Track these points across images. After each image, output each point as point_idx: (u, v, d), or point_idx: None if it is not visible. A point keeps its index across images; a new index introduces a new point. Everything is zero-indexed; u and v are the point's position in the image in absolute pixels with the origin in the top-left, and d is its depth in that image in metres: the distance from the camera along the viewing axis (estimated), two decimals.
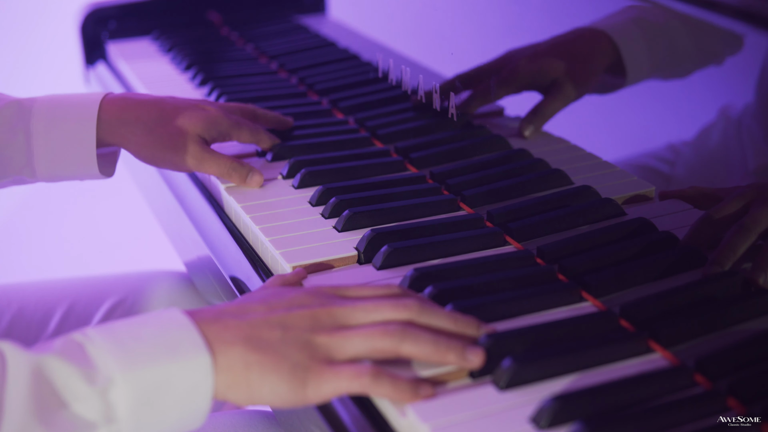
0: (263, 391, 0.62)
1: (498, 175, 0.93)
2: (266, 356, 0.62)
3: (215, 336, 0.62)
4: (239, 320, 0.64)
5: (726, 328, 0.67)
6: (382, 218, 0.85)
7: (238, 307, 0.66)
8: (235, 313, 0.65)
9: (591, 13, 0.96)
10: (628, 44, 0.91)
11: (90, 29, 1.56)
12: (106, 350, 0.60)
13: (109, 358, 0.59)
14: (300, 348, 0.63)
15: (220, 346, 0.62)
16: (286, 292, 0.67)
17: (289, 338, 0.63)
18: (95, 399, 0.58)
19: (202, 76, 1.31)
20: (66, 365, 0.59)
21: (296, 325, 0.64)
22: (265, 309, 0.65)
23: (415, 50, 1.20)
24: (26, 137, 0.91)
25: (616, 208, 0.84)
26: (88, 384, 0.58)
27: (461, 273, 0.75)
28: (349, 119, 1.13)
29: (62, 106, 0.93)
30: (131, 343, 0.61)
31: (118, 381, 0.59)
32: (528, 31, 1.05)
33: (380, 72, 1.20)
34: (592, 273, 0.74)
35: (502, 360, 0.63)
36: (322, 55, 1.37)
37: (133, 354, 0.60)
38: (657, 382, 0.61)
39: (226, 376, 0.62)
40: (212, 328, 0.63)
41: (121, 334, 0.61)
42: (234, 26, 1.59)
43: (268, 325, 0.64)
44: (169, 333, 0.62)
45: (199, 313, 0.64)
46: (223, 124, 0.94)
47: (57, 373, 0.58)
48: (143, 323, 0.63)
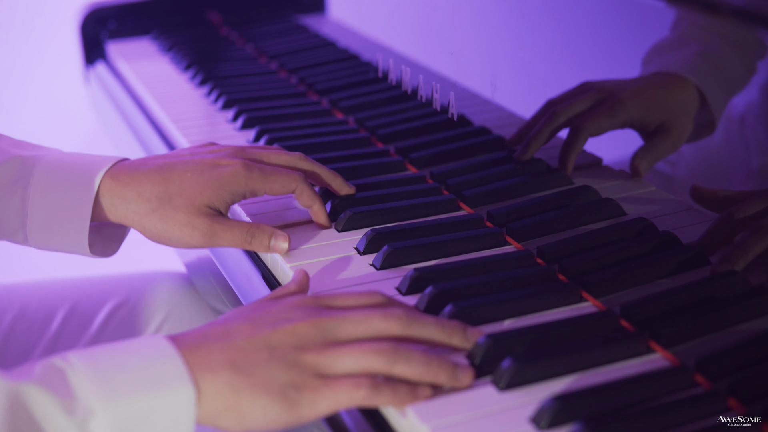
0: (255, 415, 0.60)
1: (498, 175, 0.93)
2: (254, 379, 0.61)
3: (199, 363, 0.61)
4: (223, 343, 0.62)
5: (726, 328, 0.67)
6: (382, 218, 0.85)
7: (222, 327, 0.64)
8: (219, 335, 0.63)
9: (592, 14, 0.96)
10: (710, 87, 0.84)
11: (90, 29, 1.56)
12: (87, 379, 0.59)
13: (89, 387, 0.58)
14: (288, 367, 0.61)
15: (205, 373, 0.61)
16: (271, 305, 0.66)
17: (276, 358, 0.61)
18: (74, 430, 0.57)
19: (202, 76, 1.31)
20: (45, 395, 0.58)
21: (283, 344, 0.62)
22: (249, 328, 0.63)
23: (415, 50, 1.20)
24: (23, 199, 0.83)
25: (616, 208, 0.84)
26: (68, 415, 0.57)
27: (461, 273, 0.75)
28: (349, 119, 1.13)
29: (65, 171, 0.83)
30: (113, 371, 0.59)
31: (98, 412, 0.58)
32: (529, 32, 1.05)
33: (380, 72, 1.20)
34: (592, 273, 0.74)
35: (502, 360, 0.63)
36: (322, 55, 1.37)
37: (114, 384, 0.59)
38: (657, 382, 0.61)
39: (214, 404, 0.61)
40: (196, 355, 0.61)
41: (103, 362, 0.60)
42: (234, 26, 1.58)
43: (253, 346, 0.62)
44: (152, 362, 0.60)
45: (182, 338, 0.63)
46: (240, 182, 0.80)
47: (36, 403, 0.57)
48: (126, 350, 0.61)
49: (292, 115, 1.15)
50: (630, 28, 0.91)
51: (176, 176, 0.81)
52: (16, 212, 0.83)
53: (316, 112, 1.16)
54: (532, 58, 1.04)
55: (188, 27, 1.59)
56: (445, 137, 1.02)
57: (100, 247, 0.87)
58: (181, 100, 1.25)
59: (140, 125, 1.25)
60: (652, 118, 0.87)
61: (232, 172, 0.80)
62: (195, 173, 0.81)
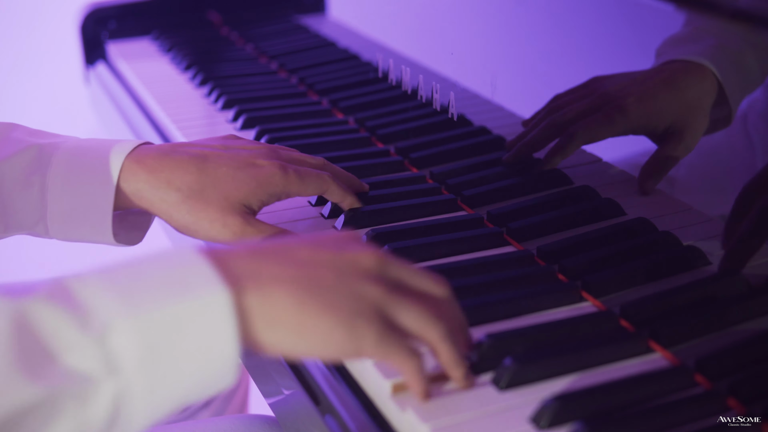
0: (317, 336, 0.55)
1: (498, 175, 0.93)
2: (322, 297, 0.55)
3: (253, 271, 0.55)
4: (284, 257, 0.57)
5: (726, 328, 0.67)
6: (382, 218, 0.85)
7: (281, 245, 0.58)
8: (278, 250, 0.58)
9: (592, 14, 0.96)
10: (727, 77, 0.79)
11: (90, 29, 1.56)
12: (100, 291, 0.52)
13: (104, 299, 0.52)
14: (356, 297, 0.56)
15: (264, 282, 0.55)
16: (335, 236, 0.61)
17: (344, 283, 0.56)
18: (91, 348, 0.50)
19: (202, 76, 1.31)
20: (53, 309, 0.51)
21: (349, 269, 0.57)
22: (312, 248, 0.58)
23: (415, 50, 1.20)
24: (41, 191, 0.79)
25: (616, 208, 0.84)
26: (81, 331, 0.50)
27: (461, 273, 0.75)
28: (349, 119, 1.13)
29: (84, 157, 0.79)
30: (132, 282, 0.53)
31: (119, 325, 0.51)
32: (529, 32, 1.05)
33: (380, 72, 1.20)
34: (592, 273, 0.74)
35: (502, 360, 0.63)
36: (322, 55, 1.37)
37: (134, 294, 0.52)
38: (657, 382, 0.61)
39: (269, 314, 0.54)
40: (251, 263, 0.56)
41: (119, 274, 0.53)
42: (234, 26, 1.58)
43: (318, 265, 0.57)
44: (176, 269, 0.54)
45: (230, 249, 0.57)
46: (278, 184, 0.78)
47: (43, 320, 0.50)
48: (144, 260, 0.55)
49: (293, 115, 1.15)
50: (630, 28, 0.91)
51: (211, 169, 0.78)
52: (36, 204, 0.79)
53: (317, 112, 1.16)
54: (532, 58, 1.04)
55: (188, 27, 1.59)
56: (445, 137, 1.02)
57: (125, 236, 0.84)
58: (181, 100, 1.25)
59: (140, 125, 1.25)
60: (660, 123, 0.83)
61: (270, 173, 0.78)
62: (231, 169, 0.78)
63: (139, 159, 0.78)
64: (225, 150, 0.80)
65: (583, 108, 0.87)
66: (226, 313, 0.53)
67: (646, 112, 0.84)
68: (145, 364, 0.51)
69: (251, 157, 0.80)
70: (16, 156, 0.79)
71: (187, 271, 0.54)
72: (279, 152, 0.82)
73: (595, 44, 0.97)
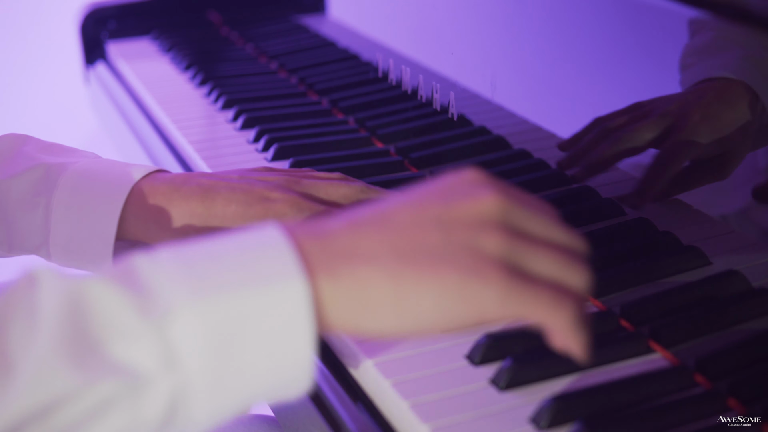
0: (419, 311, 0.48)
1: (498, 175, 0.92)
2: (423, 263, 0.48)
3: (348, 250, 0.49)
4: (383, 224, 0.50)
5: (726, 328, 0.67)
6: None
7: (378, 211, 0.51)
8: (373, 220, 0.50)
9: (592, 14, 0.96)
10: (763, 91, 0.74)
11: (90, 29, 1.56)
12: (168, 271, 0.47)
13: (172, 281, 0.46)
14: (469, 252, 0.48)
15: (359, 261, 0.48)
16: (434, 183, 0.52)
17: (452, 241, 0.48)
18: (149, 336, 0.45)
19: (202, 76, 1.31)
20: (112, 290, 0.46)
21: (460, 221, 0.49)
22: (412, 207, 0.50)
23: (415, 50, 1.20)
24: (46, 213, 0.74)
25: (616, 208, 0.84)
26: (139, 314, 0.45)
27: None
28: (349, 119, 1.13)
29: (91, 183, 0.74)
30: (204, 263, 0.47)
31: (182, 311, 0.45)
32: (529, 32, 1.05)
33: (380, 72, 1.20)
34: (592, 273, 0.74)
35: (501, 360, 0.63)
36: (322, 55, 1.37)
37: (204, 277, 0.47)
38: (657, 382, 0.61)
39: (363, 298, 0.48)
40: (346, 240, 0.49)
41: (190, 254, 0.48)
42: (234, 26, 1.58)
43: (422, 227, 0.49)
44: (255, 251, 0.48)
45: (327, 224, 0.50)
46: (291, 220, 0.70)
47: (99, 301, 0.46)
48: (223, 240, 0.49)
49: (292, 115, 1.15)
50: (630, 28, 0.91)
51: (219, 206, 0.71)
52: (39, 227, 0.75)
53: (316, 112, 1.16)
54: (532, 58, 1.04)
55: (188, 27, 1.59)
56: (445, 137, 1.02)
57: None
58: (181, 100, 1.25)
59: (140, 125, 1.25)
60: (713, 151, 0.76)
61: (280, 211, 0.71)
62: (240, 205, 0.71)
63: (147, 192, 0.73)
64: (239, 182, 0.74)
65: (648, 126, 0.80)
66: (302, 308, 0.47)
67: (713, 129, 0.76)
68: (209, 359, 0.46)
69: (265, 190, 0.72)
70: (25, 174, 0.76)
71: (265, 254, 0.48)
72: (301, 183, 0.74)
73: (595, 44, 0.97)
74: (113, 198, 0.73)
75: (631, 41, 0.91)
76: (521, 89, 1.05)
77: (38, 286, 0.46)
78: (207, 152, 1.05)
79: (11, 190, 0.76)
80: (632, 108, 0.81)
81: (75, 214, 0.74)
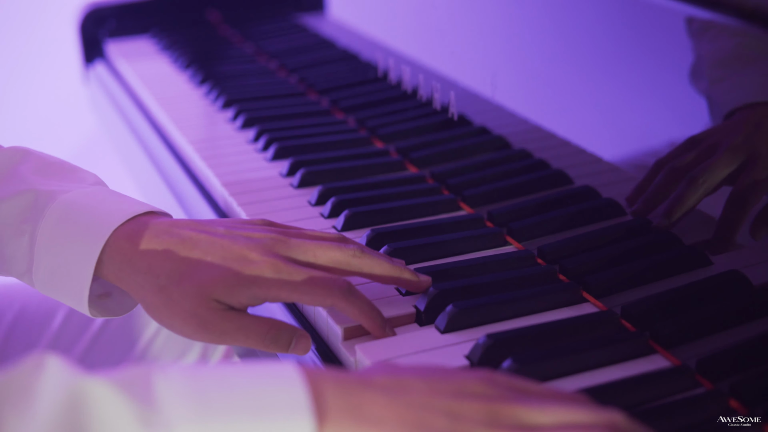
0: None
1: (498, 175, 0.93)
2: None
3: (355, 407, 0.49)
4: (392, 396, 0.51)
5: (727, 328, 0.67)
6: (382, 218, 0.85)
7: (394, 379, 0.52)
8: (387, 385, 0.51)
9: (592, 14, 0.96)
10: None
11: (89, 28, 1.56)
12: (176, 387, 0.47)
13: (178, 397, 0.46)
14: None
15: (364, 421, 0.49)
16: (454, 373, 0.54)
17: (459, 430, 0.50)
18: None
19: (201, 75, 1.31)
20: (116, 396, 0.46)
21: (469, 418, 0.50)
22: (427, 389, 0.52)
23: (415, 50, 1.20)
24: (30, 242, 0.73)
25: (617, 208, 0.84)
26: (140, 426, 0.45)
27: (461, 273, 0.75)
28: (349, 119, 1.13)
29: (76, 217, 0.72)
30: (212, 386, 0.48)
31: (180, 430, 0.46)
32: (529, 32, 1.05)
33: (380, 71, 1.20)
34: (592, 273, 0.74)
35: (501, 361, 0.63)
36: (322, 55, 1.37)
37: (213, 401, 0.47)
38: (658, 383, 0.61)
39: None
40: (354, 396, 0.50)
41: (203, 375, 0.48)
42: (233, 25, 1.58)
43: (432, 409, 0.50)
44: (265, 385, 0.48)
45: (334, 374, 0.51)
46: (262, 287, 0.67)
47: (101, 405, 0.46)
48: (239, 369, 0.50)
49: (292, 114, 1.15)
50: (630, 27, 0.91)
51: (195, 256, 0.68)
52: (24, 254, 0.74)
53: (316, 112, 1.16)
54: (532, 58, 1.04)
55: (187, 26, 1.59)
56: (445, 137, 1.02)
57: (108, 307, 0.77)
58: (180, 100, 1.25)
59: (139, 125, 1.25)
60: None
61: (255, 275, 0.67)
62: (216, 259, 0.68)
63: (129, 235, 0.71)
64: (221, 237, 0.70)
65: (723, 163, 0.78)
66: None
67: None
68: None
69: (246, 249, 0.68)
70: (14, 198, 0.75)
71: (276, 389, 0.48)
72: (289, 243, 0.70)
73: (595, 44, 0.97)
74: (92, 241, 0.71)
75: (631, 41, 0.91)
76: (521, 89, 1.05)
77: (43, 373, 0.46)
78: (206, 152, 1.05)
79: (2, 214, 0.75)
80: (691, 144, 0.81)
81: (56, 249, 0.72)
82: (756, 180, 0.75)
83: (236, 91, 1.23)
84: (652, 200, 0.82)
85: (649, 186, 0.83)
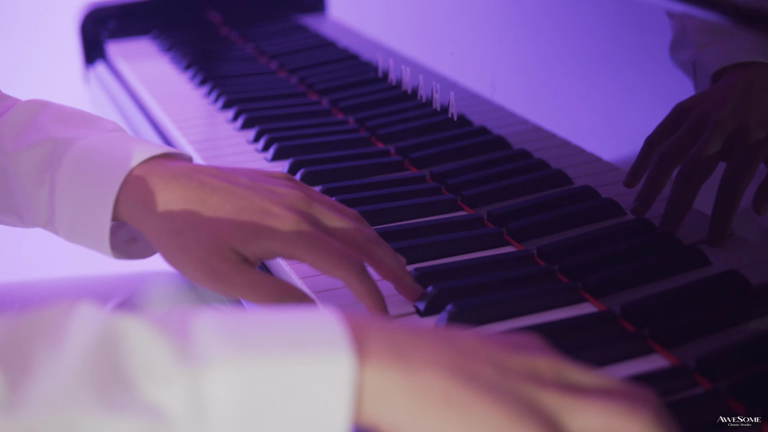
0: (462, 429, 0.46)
1: (498, 175, 0.93)
2: (479, 395, 0.46)
3: (398, 348, 0.47)
4: (441, 341, 0.49)
5: (726, 328, 0.67)
6: (382, 218, 0.85)
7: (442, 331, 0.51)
8: (435, 334, 0.50)
9: (592, 14, 0.96)
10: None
11: (90, 29, 1.56)
12: (213, 324, 0.46)
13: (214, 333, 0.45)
14: (522, 400, 0.47)
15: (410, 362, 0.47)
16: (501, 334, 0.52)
17: (508, 383, 0.48)
18: (183, 382, 0.43)
19: (202, 76, 1.31)
20: (152, 332, 0.45)
21: (516, 369, 0.49)
22: (476, 340, 0.50)
23: (415, 50, 1.20)
24: (51, 191, 0.73)
25: (616, 208, 0.84)
26: (177, 360, 0.44)
27: (461, 273, 0.75)
28: (349, 119, 1.13)
29: (92, 162, 0.71)
30: (250, 327, 0.46)
31: (222, 366, 0.44)
32: (529, 32, 1.05)
33: (380, 72, 1.20)
34: (592, 273, 0.74)
35: None
36: (322, 55, 1.37)
37: (248, 339, 0.45)
38: (657, 383, 0.61)
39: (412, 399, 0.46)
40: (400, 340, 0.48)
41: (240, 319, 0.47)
42: (234, 26, 1.58)
43: (480, 358, 0.48)
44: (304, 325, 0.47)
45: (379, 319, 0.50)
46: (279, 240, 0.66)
47: (136, 339, 0.44)
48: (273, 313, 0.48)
49: (292, 115, 1.15)
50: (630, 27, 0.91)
51: (214, 203, 0.67)
52: (46, 204, 0.73)
53: (316, 112, 1.16)
54: (531, 58, 1.04)
55: (188, 27, 1.59)
56: (445, 137, 1.02)
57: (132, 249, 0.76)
58: (181, 100, 1.25)
59: (140, 125, 1.25)
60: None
61: (275, 228, 0.65)
62: (236, 209, 0.67)
63: (147, 175, 0.69)
64: (244, 188, 0.69)
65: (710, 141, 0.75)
66: (345, 387, 0.45)
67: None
68: (237, 422, 0.44)
69: (268, 203, 0.67)
70: (33, 148, 0.74)
71: (315, 325, 0.47)
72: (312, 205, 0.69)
73: (595, 44, 0.97)
74: (109, 182, 0.70)
75: (631, 41, 0.91)
76: (521, 89, 1.05)
77: (74, 314, 0.46)
78: (207, 152, 1.05)
79: (21, 164, 0.75)
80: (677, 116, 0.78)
81: (75, 195, 0.72)
82: (746, 157, 0.73)
83: (236, 92, 1.23)
84: (649, 194, 0.81)
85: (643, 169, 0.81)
